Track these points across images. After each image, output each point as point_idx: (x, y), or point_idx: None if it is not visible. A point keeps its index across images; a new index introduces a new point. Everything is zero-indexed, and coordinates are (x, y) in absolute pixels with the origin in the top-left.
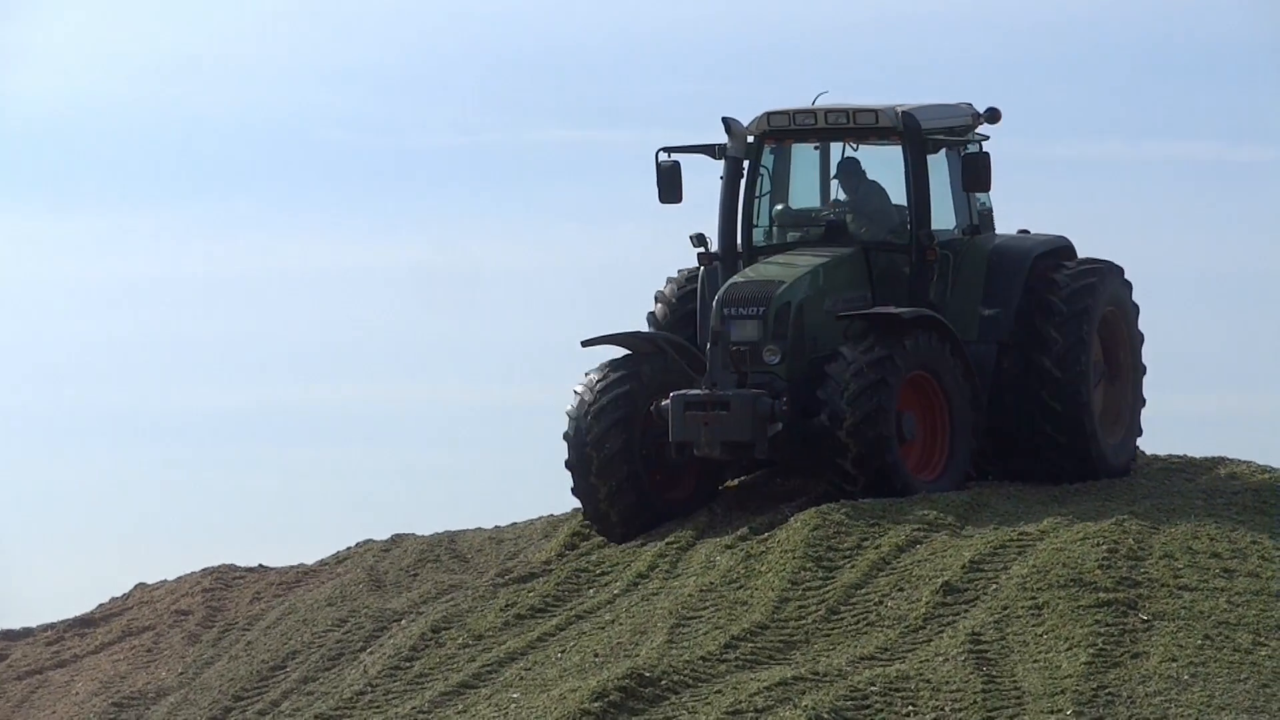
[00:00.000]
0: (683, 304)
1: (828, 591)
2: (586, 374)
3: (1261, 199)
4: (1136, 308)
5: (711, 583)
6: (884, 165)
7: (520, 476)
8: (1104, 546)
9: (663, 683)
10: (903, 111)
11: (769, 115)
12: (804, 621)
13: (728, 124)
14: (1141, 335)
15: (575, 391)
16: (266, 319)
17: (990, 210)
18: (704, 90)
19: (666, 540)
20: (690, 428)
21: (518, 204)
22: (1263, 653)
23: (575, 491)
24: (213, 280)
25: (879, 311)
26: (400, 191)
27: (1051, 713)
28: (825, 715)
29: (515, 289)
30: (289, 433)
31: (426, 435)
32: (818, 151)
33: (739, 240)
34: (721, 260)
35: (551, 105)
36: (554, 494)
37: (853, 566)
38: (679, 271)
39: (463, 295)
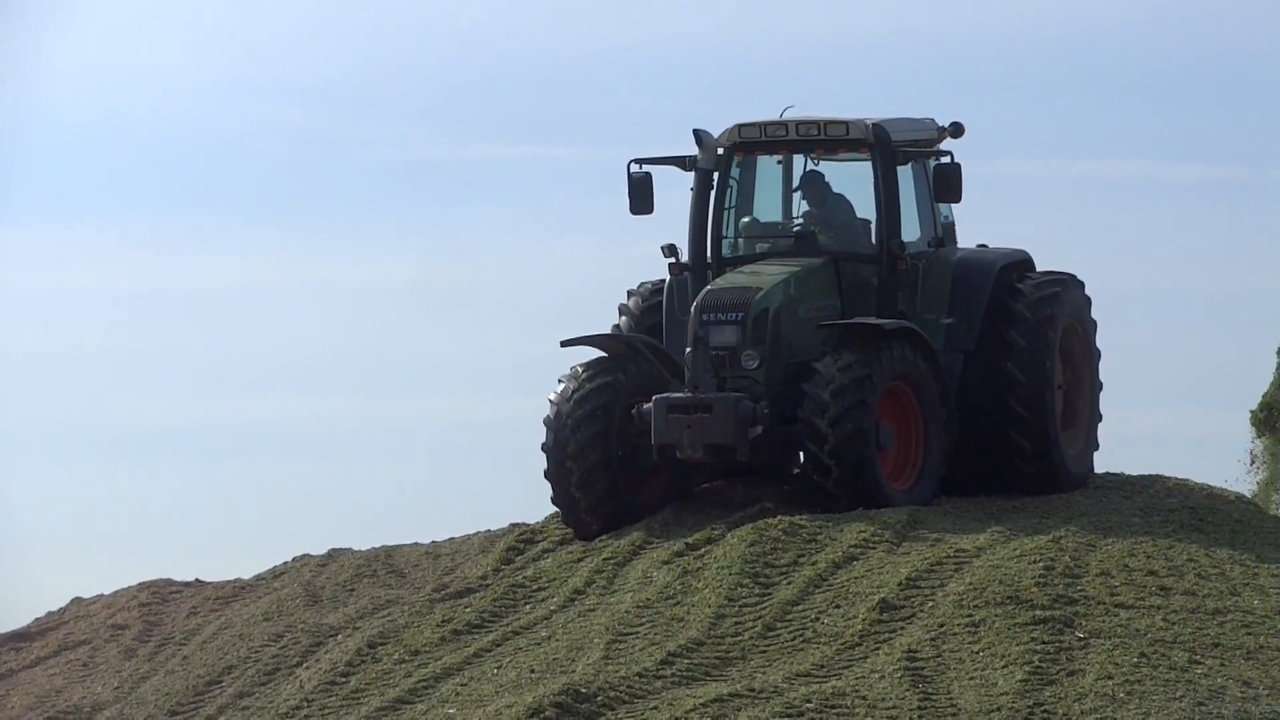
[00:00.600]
0: (647, 316)
1: (764, 608)
2: (562, 381)
3: (1183, 217)
4: (1095, 322)
5: (648, 599)
6: (845, 180)
7: (458, 491)
8: (1041, 564)
9: (599, 699)
10: (873, 124)
11: (740, 127)
12: (740, 638)
13: (698, 136)
14: (1099, 351)
15: (552, 401)
16: (201, 334)
17: (952, 224)
18: (647, 108)
19: (604, 556)
20: (674, 430)
21: (458, 219)
22: (1198, 671)
23: (555, 501)
24: (146, 293)
25: (861, 322)
26: (342, 206)
27: None
28: None
29: (453, 304)
30: (225, 447)
31: (364, 450)
32: (780, 166)
33: (708, 251)
34: (691, 270)
35: (491, 121)
36: (491, 509)
37: (789, 583)
38: (641, 284)
39: (400, 310)
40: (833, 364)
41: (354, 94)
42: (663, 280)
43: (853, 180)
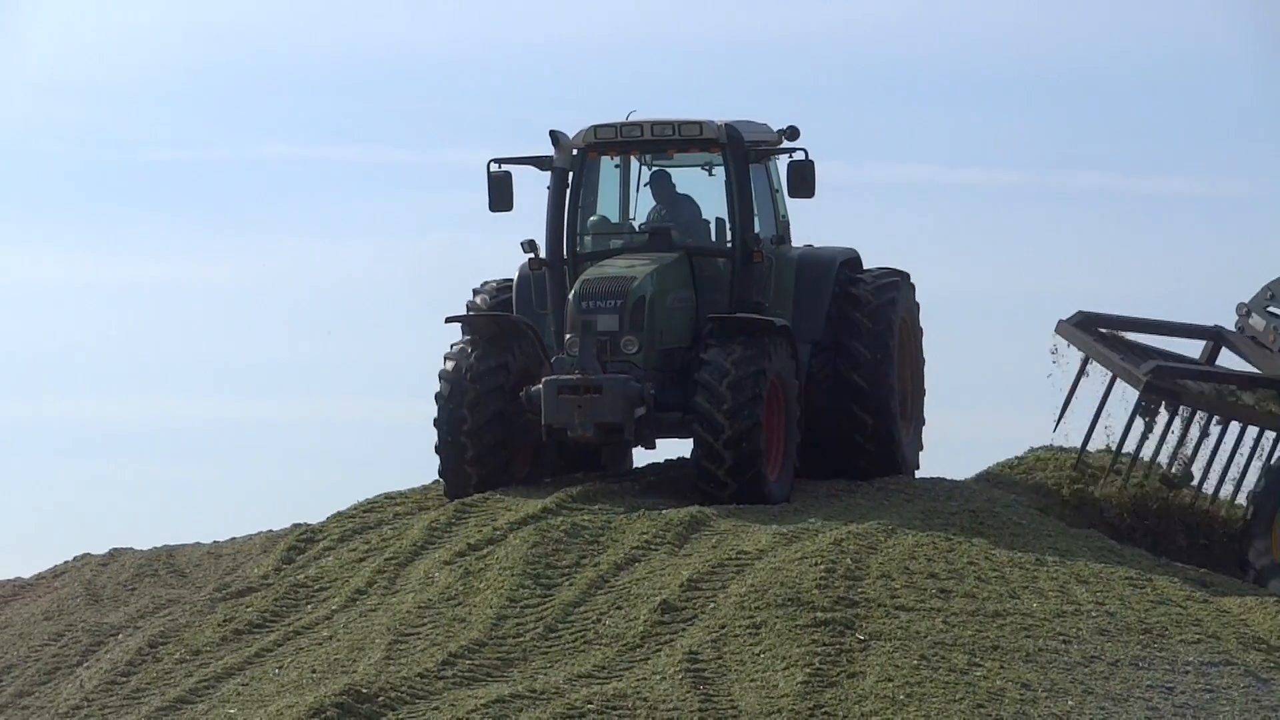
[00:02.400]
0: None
1: (546, 609)
2: (450, 360)
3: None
4: (921, 329)
5: (430, 599)
6: (687, 182)
7: (240, 491)
8: (822, 566)
9: (380, 699)
10: (725, 124)
11: (595, 128)
12: (522, 639)
13: (555, 137)
14: (924, 359)
15: (443, 378)
16: None
17: (788, 223)
18: (442, 108)
19: (385, 556)
20: (564, 411)
21: (241, 219)
22: (978, 673)
23: (444, 474)
24: None
25: (751, 317)
26: (122, 206)
27: None
28: None
29: (231, 303)
30: (4, 445)
31: (145, 449)
32: (619, 169)
33: (564, 247)
34: (549, 266)
35: (278, 121)
36: (272, 509)
37: (571, 584)
38: (484, 283)
39: (172, 309)
40: (724, 356)
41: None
42: (506, 279)
43: (693, 185)
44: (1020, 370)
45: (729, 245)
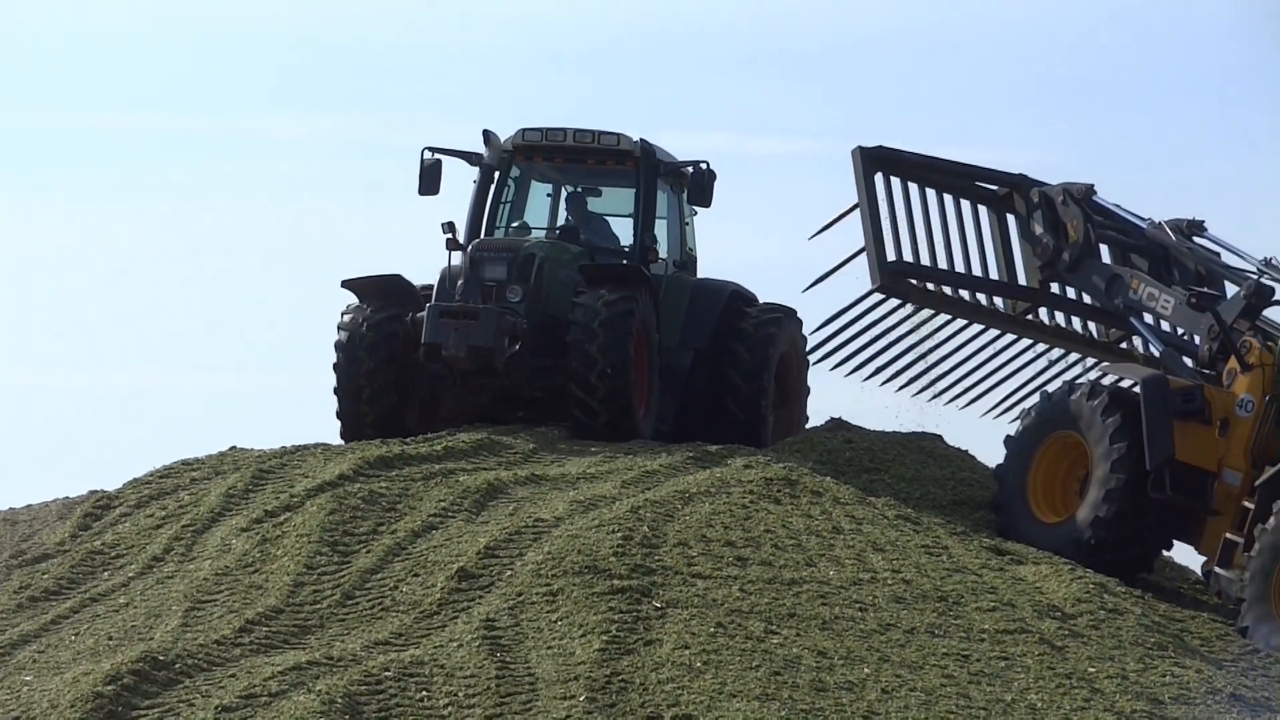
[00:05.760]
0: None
1: (343, 576)
2: (348, 313)
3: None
4: (807, 360)
5: (227, 566)
6: (602, 205)
7: (35, 458)
8: (619, 534)
9: (176, 666)
10: (640, 140)
11: (523, 131)
12: (319, 606)
13: (486, 136)
14: (808, 388)
15: (342, 328)
16: None
17: (695, 257)
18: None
19: (183, 523)
20: (442, 332)
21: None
22: (774, 641)
23: (341, 415)
24: None
25: (618, 265)
26: None
27: (564, 699)
28: (339, 700)
29: (44, 272)
30: None
31: None
32: (549, 198)
33: (481, 235)
34: (462, 249)
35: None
36: (69, 475)
37: (368, 551)
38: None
39: None
40: (595, 299)
41: None
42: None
43: (608, 204)
44: None
45: (628, 249)
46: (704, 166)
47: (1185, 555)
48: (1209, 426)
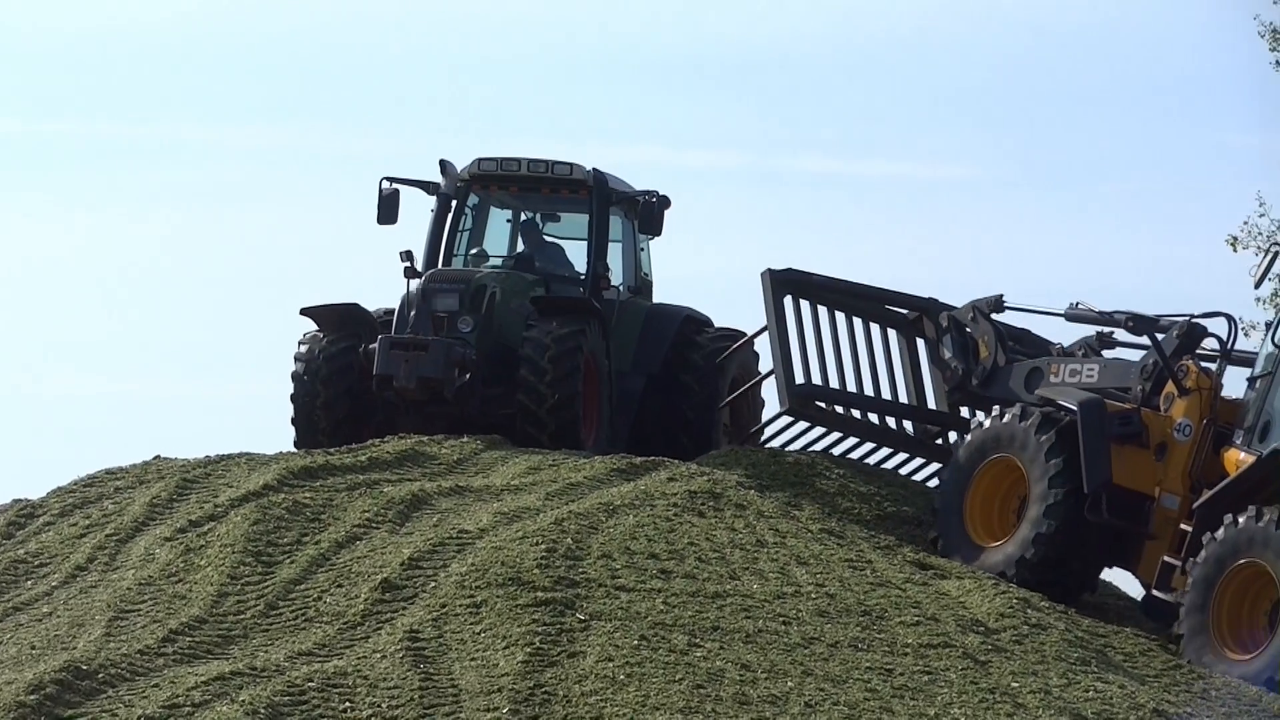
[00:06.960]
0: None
1: (267, 587)
2: (304, 344)
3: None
4: (757, 355)
5: (150, 576)
6: (560, 229)
7: None
8: (543, 546)
9: (100, 676)
10: (593, 169)
11: (479, 161)
12: (243, 616)
13: (444, 165)
14: (763, 401)
15: (299, 358)
16: None
17: (650, 284)
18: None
19: (106, 532)
20: (393, 363)
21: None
22: (698, 654)
23: (300, 445)
24: None
25: (569, 297)
26: None
27: (488, 711)
28: (262, 711)
29: None
30: None
31: None
32: (510, 224)
33: (439, 263)
34: (419, 276)
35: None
36: None
37: (292, 562)
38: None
39: None
40: (544, 334)
41: None
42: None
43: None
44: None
45: (582, 276)
46: (654, 197)
47: (1110, 571)
48: (1146, 450)
